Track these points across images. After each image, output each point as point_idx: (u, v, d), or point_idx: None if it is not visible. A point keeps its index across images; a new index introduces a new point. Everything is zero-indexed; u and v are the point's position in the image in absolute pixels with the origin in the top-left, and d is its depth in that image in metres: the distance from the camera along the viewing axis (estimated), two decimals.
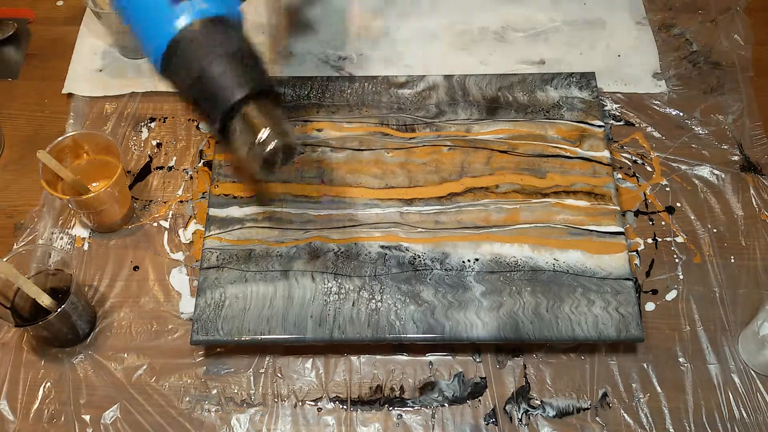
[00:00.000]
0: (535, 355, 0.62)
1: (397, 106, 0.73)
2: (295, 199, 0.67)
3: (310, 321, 0.61)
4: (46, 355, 0.62)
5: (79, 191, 0.65)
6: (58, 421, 0.60)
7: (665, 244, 0.68)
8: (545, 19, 0.83)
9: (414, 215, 0.66)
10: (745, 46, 0.80)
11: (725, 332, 0.63)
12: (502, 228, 0.65)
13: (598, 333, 0.60)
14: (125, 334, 0.64)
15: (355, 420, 0.60)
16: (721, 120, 0.75)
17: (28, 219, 0.69)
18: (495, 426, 0.59)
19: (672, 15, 0.83)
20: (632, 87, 0.77)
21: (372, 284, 0.63)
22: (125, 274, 0.67)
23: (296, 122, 0.72)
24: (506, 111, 0.72)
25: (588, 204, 0.66)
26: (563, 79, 0.74)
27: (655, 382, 0.61)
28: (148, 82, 0.77)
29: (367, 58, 0.79)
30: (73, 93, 0.77)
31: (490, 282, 0.62)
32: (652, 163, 0.72)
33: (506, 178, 0.68)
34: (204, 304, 0.62)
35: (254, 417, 0.60)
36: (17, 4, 0.84)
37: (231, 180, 0.68)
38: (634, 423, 0.59)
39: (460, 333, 0.60)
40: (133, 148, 0.74)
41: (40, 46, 0.82)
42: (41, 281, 0.60)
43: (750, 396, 0.60)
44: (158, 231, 0.69)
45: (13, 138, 0.75)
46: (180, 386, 0.61)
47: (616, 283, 0.62)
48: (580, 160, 0.69)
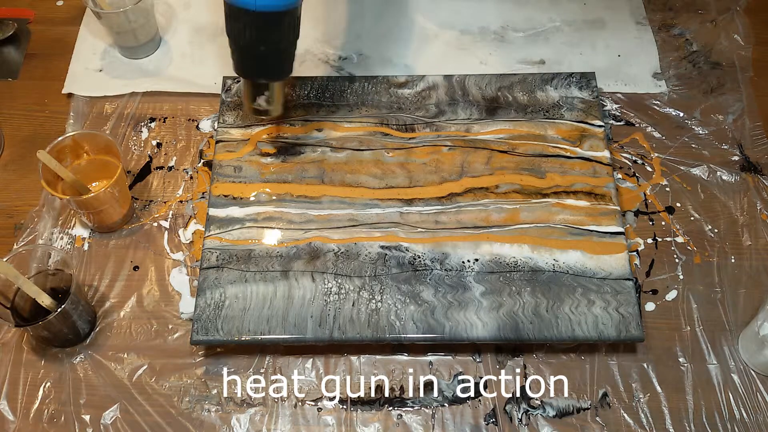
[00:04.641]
0: (535, 355, 0.62)
1: (397, 106, 0.73)
2: (295, 199, 0.67)
3: (310, 321, 0.61)
4: (46, 355, 0.63)
5: (79, 191, 0.65)
6: (58, 421, 0.60)
7: (665, 244, 0.68)
8: (545, 19, 0.83)
9: (414, 215, 0.66)
10: (745, 46, 0.80)
11: (725, 332, 0.63)
12: (502, 228, 0.65)
13: (598, 333, 0.60)
14: (125, 334, 0.64)
15: (355, 420, 0.60)
16: (721, 120, 0.75)
17: (28, 219, 0.69)
18: (495, 426, 0.59)
19: (672, 15, 0.83)
20: (632, 87, 0.77)
21: (372, 284, 0.63)
22: (125, 274, 0.67)
23: (296, 122, 0.72)
24: (506, 111, 0.72)
25: (588, 204, 0.66)
26: (563, 79, 0.74)
27: (655, 382, 0.61)
28: (148, 82, 0.78)
29: (367, 58, 0.79)
30: (73, 93, 0.77)
31: (490, 282, 0.62)
32: (652, 163, 0.72)
33: (506, 178, 0.68)
34: (204, 304, 0.62)
35: (254, 417, 0.60)
36: (17, 4, 0.84)
37: (231, 180, 0.68)
38: (634, 423, 0.59)
39: (460, 333, 0.60)
40: (133, 148, 0.74)
41: (40, 46, 0.82)
42: (41, 281, 0.60)
43: (750, 396, 0.60)
44: (158, 231, 0.69)
45: (13, 138, 0.75)
46: (180, 386, 0.61)
47: (616, 283, 0.62)
48: (580, 160, 0.69)
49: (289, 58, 0.63)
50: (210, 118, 0.76)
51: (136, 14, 0.74)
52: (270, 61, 0.62)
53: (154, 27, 0.79)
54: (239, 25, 0.58)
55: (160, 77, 0.78)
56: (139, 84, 0.77)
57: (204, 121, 0.75)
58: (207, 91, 0.77)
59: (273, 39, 0.59)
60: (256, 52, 0.60)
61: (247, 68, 0.63)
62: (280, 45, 0.61)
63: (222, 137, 0.71)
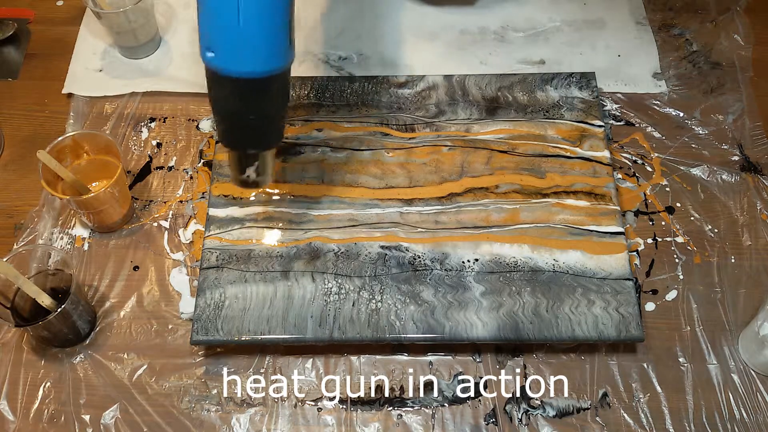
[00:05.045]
0: (535, 355, 0.62)
1: (397, 106, 0.73)
2: (295, 199, 0.67)
3: (310, 321, 0.61)
4: (46, 355, 0.63)
5: (79, 191, 0.65)
6: (58, 421, 0.60)
7: (665, 244, 0.68)
8: (545, 19, 0.83)
9: (414, 215, 0.66)
10: (745, 46, 0.80)
11: (725, 332, 0.63)
12: (502, 228, 0.65)
13: (598, 333, 0.60)
14: (125, 334, 0.64)
15: (355, 420, 0.60)
16: (721, 120, 0.75)
17: (28, 219, 0.69)
18: (495, 426, 0.59)
19: (672, 15, 0.83)
20: (632, 87, 0.77)
21: (372, 284, 0.63)
22: (125, 274, 0.67)
23: (296, 122, 0.72)
24: (506, 111, 0.72)
25: (588, 204, 0.66)
26: (563, 79, 0.74)
27: (655, 382, 0.61)
28: (148, 82, 0.78)
29: (367, 58, 0.79)
30: (73, 93, 0.77)
31: (490, 282, 0.62)
32: (652, 163, 0.72)
33: (506, 178, 0.68)
34: (204, 304, 0.62)
35: (254, 417, 0.60)
36: (17, 4, 0.84)
37: (231, 180, 0.68)
38: (634, 423, 0.59)
39: (460, 333, 0.60)
40: (133, 148, 0.74)
41: (40, 46, 0.82)
42: (41, 281, 0.60)
43: (750, 396, 0.60)
44: (158, 231, 0.69)
45: (13, 138, 0.75)
46: (180, 386, 0.61)
47: (616, 283, 0.62)
48: (580, 160, 0.69)
49: (280, 124, 0.57)
50: (210, 118, 0.75)
51: (136, 14, 0.74)
52: (259, 129, 0.55)
53: (154, 27, 0.79)
54: (224, 93, 0.52)
55: (160, 77, 0.78)
56: (139, 84, 0.77)
57: (204, 121, 0.75)
58: (207, 91, 0.77)
59: (262, 107, 0.53)
60: (243, 122, 0.54)
61: (234, 139, 0.56)
62: (269, 112, 0.54)
63: None
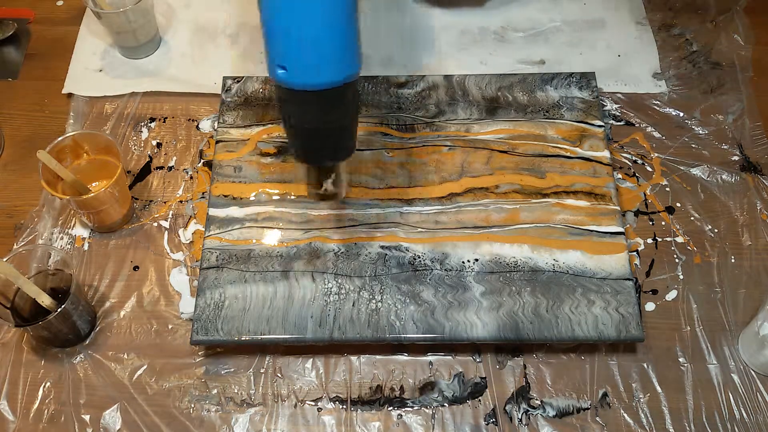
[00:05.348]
0: (535, 355, 0.62)
1: (397, 106, 0.73)
2: (295, 199, 0.67)
3: (310, 321, 0.61)
4: (46, 355, 0.62)
5: (79, 191, 0.65)
6: (58, 421, 0.60)
7: (665, 244, 0.68)
8: (545, 19, 0.83)
9: (414, 215, 0.66)
10: (745, 46, 0.80)
11: (725, 332, 0.63)
12: (502, 228, 0.65)
13: (598, 333, 0.60)
14: (125, 334, 0.64)
15: (355, 420, 0.60)
16: (721, 120, 0.75)
17: (28, 219, 0.69)
18: (495, 426, 0.59)
19: (672, 15, 0.83)
20: (632, 87, 0.77)
21: (372, 284, 0.63)
22: (125, 274, 0.67)
23: None
24: (506, 111, 0.72)
25: (588, 204, 0.66)
26: (563, 79, 0.74)
27: (655, 382, 0.61)
28: (148, 82, 0.78)
29: (367, 58, 0.79)
30: (73, 93, 0.77)
31: (490, 282, 0.62)
32: (652, 163, 0.72)
33: (506, 178, 0.68)
34: (204, 304, 0.62)
35: (254, 417, 0.60)
36: (17, 4, 0.84)
37: (231, 180, 0.68)
38: (634, 423, 0.59)
39: (460, 333, 0.60)
40: (133, 148, 0.74)
41: (40, 46, 0.82)
42: (41, 281, 0.60)
43: (750, 396, 0.60)
44: (158, 231, 0.69)
45: (13, 138, 0.75)
46: (180, 386, 0.61)
47: (616, 283, 0.62)
48: (580, 160, 0.69)
49: (354, 133, 0.56)
50: (210, 118, 0.76)
51: (136, 14, 0.74)
52: (337, 140, 0.54)
53: (154, 27, 0.79)
54: (301, 109, 0.51)
55: (160, 77, 0.78)
56: (139, 84, 0.78)
57: (204, 121, 0.75)
58: (207, 91, 0.77)
59: (339, 116, 0.52)
60: (321, 134, 0.53)
61: (313, 153, 0.55)
62: (346, 121, 0.53)
63: (222, 137, 0.71)
